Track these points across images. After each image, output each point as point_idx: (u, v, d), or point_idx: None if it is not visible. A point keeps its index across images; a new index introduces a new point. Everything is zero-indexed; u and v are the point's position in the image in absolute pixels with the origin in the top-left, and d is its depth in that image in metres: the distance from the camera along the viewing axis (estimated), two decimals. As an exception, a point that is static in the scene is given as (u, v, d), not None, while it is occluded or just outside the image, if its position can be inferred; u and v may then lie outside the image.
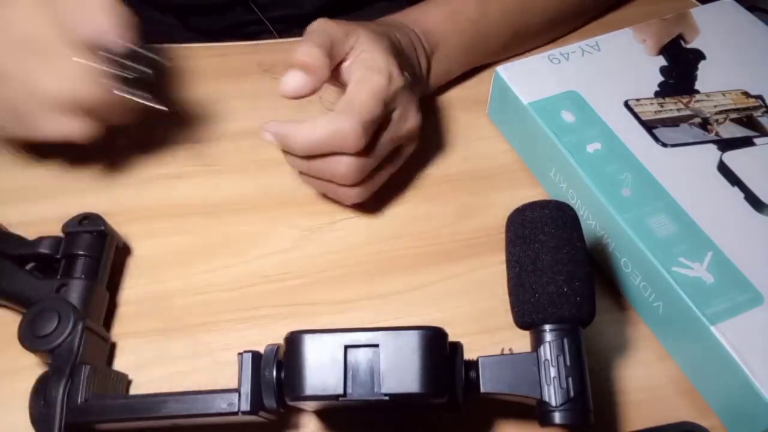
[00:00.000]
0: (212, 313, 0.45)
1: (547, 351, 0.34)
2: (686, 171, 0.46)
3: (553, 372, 0.34)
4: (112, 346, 0.44)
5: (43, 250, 0.43)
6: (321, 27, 0.45)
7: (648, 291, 0.43)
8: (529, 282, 0.36)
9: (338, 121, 0.42)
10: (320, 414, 0.42)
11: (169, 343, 0.44)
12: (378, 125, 0.44)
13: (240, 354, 0.36)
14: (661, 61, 0.54)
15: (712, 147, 0.48)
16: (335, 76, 0.46)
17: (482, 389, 0.35)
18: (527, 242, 0.37)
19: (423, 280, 0.47)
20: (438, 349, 0.33)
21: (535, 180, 0.53)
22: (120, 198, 0.50)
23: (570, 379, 0.34)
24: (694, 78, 0.53)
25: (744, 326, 0.39)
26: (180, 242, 0.49)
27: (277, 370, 0.35)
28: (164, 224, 0.49)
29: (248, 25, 0.67)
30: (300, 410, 0.41)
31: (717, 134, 0.49)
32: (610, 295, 0.47)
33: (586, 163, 0.47)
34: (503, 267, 0.47)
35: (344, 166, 0.43)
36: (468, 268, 0.48)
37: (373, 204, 0.50)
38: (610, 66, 0.53)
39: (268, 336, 0.38)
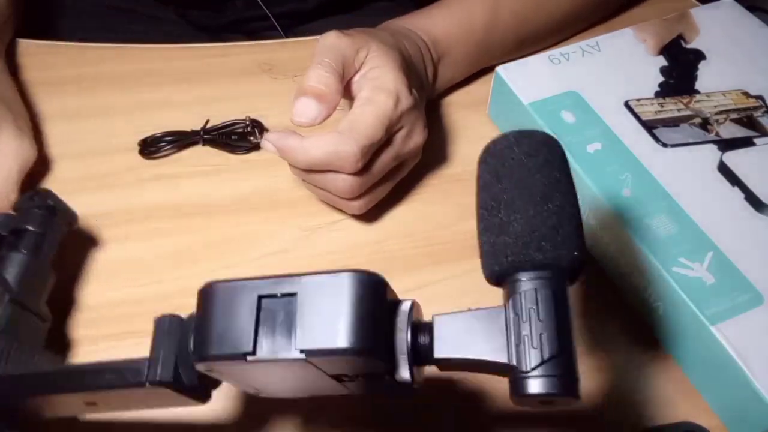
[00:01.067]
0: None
1: (517, 303, 0.27)
2: (686, 171, 0.46)
3: (524, 329, 0.26)
4: (117, 346, 0.44)
5: None
6: (332, 43, 0.44)
7: (648, 291, 0.43)
8: (500, 224, 0.29)
9: (338, 143, 0.42)
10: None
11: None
12: (380, 146, 0.44)
13: (156, 318, 0.31)
14: (662, 61, 0.54)
15: (713, 147, 0.48)
16: (344, 90, 0.45)
17: (436, 354, 0.28)
18: (494, 176, 0.30)
19: (423, 280, 0.47)
20: (372, 297, 0.27)
21: (535, 180, 0.53)
22: (120, 198, 0.50)
23: (544, 336, 0.26)
24: (694, 78, 0.53)
25: (744, 326, 0.39)
26: (180, 242, 0.49)
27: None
28: (164, 224, 0.49)
29: (250, 21, 0.67)
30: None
31: (717, 134, 0.49)
32: (610, 295, 0.47)
33: (587, 163, 0.47)
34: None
35: (341, 183, 0.44)
36: (468, 268, 0.48)
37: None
38: (611, 66, 0.53)
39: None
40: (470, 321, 0.28)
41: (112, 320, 0.45)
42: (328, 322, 0.26)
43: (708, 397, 0.42)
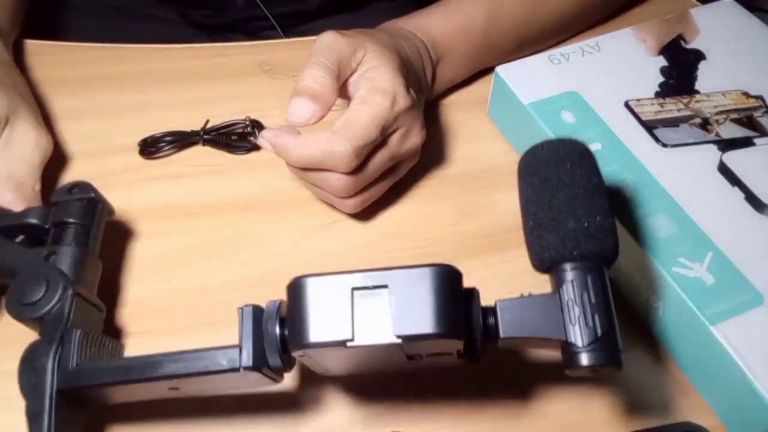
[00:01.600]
0: (212, 313, 0.45)
1: (570, 289, 0.32)
2: (686, 171, 0.46)
3: (577, 311, 0.32)
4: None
5: (31, 219, 0.41)
6: (329, 43, 0.44)
7: (648, 291, 0.43)
8: (547, 221, 0.34)
9: (332, 143, 0.42)
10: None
11: (169, 343, 0.44)
12: (374, 146, 0.44)
13: (240, 308, 0.34)
14: (662, 61, 0.54)
15: (713, 147, 0.48)
16: (340, 90, 0.45)
17: (502, 334, 0.32)
18: (542, 180, 0.35)
19: (423, 280, 0.47)
20: (452, 287, 0.31)
21: (535, 180, 0.53)
22: (120, 198, 0.50)
23: (596, 317, 0.31)
24: (694, 78, 0.53)
25: (744, 326, 0.39)
26: (180, 242, 0.49)
27: (281, 327, 0.33)
28: (164, 224, 0.49)
29: (251, 21, 0.67)
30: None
31: (717, 134, 0.49)
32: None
33: (587, 163, 0.47)
34: (504, 267, 0.48)
35: (335, 181, 0.44)
36: (468, 268, 0.47)
37: (373, 204, 0.50)
38: (611, 66, 0.53)
39: None
40: (527, 304, 0.33)
41: (113, 320, 0.45)
42: (421, 311, 0.30)
43: (708, 397, 0.42)
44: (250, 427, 0.41)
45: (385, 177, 0.47)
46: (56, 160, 0.52)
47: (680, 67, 0.53)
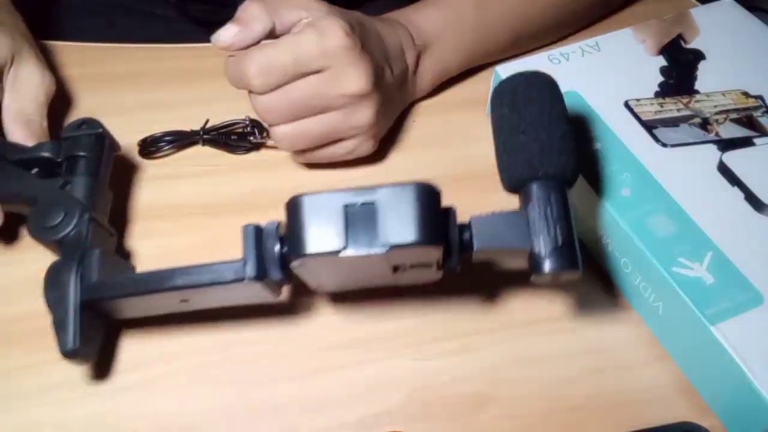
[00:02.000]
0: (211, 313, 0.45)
1: (535, 206, 0.36)
2: (686, 171, 0.46)
3: (541, 224, 0.35)
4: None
5: (45, 153, 0.44)
6: None
7: (648, 291, 0.43)
8: (514, 144, 0.38)
9: (240, 58, 0.44)
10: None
11: (169, 343, 0.44)
12: (291, 76, 0.44)
13: (243, 226, 0.37)
14: (661, 61, 0.54)
15: (712, 147, 0.48)
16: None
17: (476, 246, 0.36)
18: (510, 107, 0.39)
19: (423, 280, 0.47)
20: (432, 201, 0.34)
21: (535, 180, 0.53)
22: (119, 198, 0.50)
23: (557, 228, 0.35)
24: (694, 78, 0.53)
25: (744, 326, 0.39)
26: (180, 242, 0.49)
27: (280, 244, 0.36)
28: (164, 224, 0.49)
29: None
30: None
31: (717, 134, 0.49)
32: (610, 295, 0.47)
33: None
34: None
35: (254, 101, 0.46)
36: (468, 268, 0.48)
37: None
38: (610, 66, 0.53)
39: (268, 336, 0.38)
40: (498, 220, 0.37)
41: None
42: (405, 223, 0.33)
43: (707, 397, 0.42)
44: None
45: (323, 131, 0.47)
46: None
47: (680, 67, 0.53)
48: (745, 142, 0.48)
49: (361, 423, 0.41)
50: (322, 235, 0.33)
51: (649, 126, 0.49)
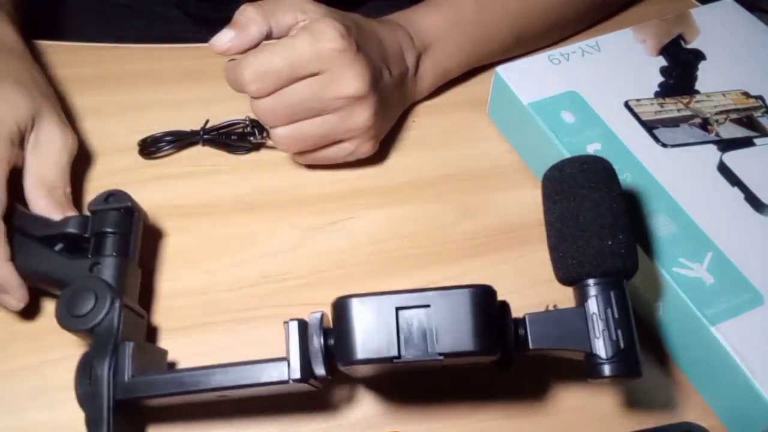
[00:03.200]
0: (211, 313, 0.45)
1: (594, 304, 0.35)
2: (686, 171, 0.46)
3: (601, 325, 0.34)
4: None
5: (71, 229, 0.42)
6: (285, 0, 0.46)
7: (648, 291, 0.43)
8: (572, 237, 0.36)
9: (236, 63, 0.44)
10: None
11: (169, 343, 0.44)
12: (285, 80, 0.44)
13: (286, 323, 0.36)
14: (661, 61, 0.54)
15: (713, 147, 0.48)
16: None
17: (531, 345, 0.35)
18: (567, 198, 0.37)
19: (423, 280, 0.47)
20: (488, 306, 0.34)
21: (536, 180, 0.52)
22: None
23: (619, 332, 0.34)
24: (694, 78, 0.53)
25: (744, 327, 0.39)
26: (179, 242, 0.49)
27: (325, 338, 0.35)
28: (164, 224, 0.49)
29: None
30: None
31: (717, 134, 0.49)
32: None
33: (587, 163, 0.47)
34: (504, 266, 0.48)
35: (253, 104, 0.46)
36: (468, 268, 0.48)
37: (373, 203, 0.51)
38: (611, 66, 0.53)
39: (268, 336, 0.37)
40: (554, 318, 0.35)
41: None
42: (461, 330, 0.33)
43: (708, 398, 0.42)
44: (254, 425, 0.41)
45: (321, 133, 0.47)
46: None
47: (680, 67, 0.53)
48: (745, 143, 0.48)
49: None
50: (373, 340, 0.33)
51: (649, 126, 0.49)
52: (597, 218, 0.36)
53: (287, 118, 0.46)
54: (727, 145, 0.48)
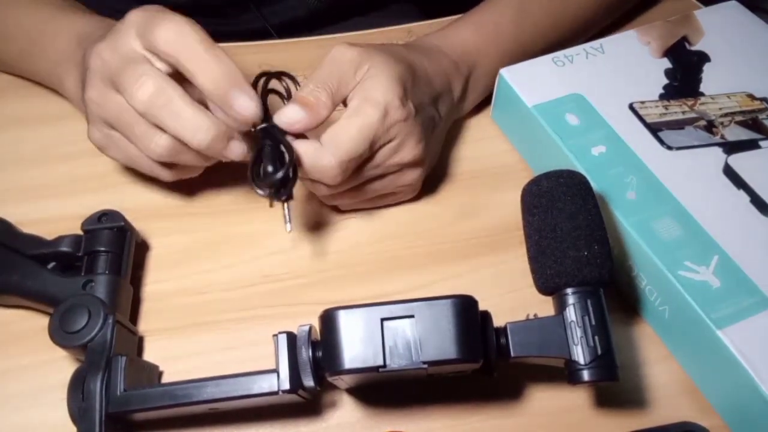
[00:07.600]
0: (211, 312, 0.45)
1: (572, 313, 0.36)
2: (691, 174, 0.46)
3: (579, 332, 0.35)
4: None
5: (64, 248, 0.43)
6: (334, 56, 0.44)
7: (654, 295, 0.43)
8: (550, 248, 0.37)
9: (318, 155, 0.42)
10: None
11: (169, 343, 0.44)
12: (363, 159, 0.44)
13: (275, 335, 0.36)
14: (666, 63, 0.53)
15: (718, 150, 0.47)
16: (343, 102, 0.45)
17: (512, 353, 0.36)
18: (545, 210, 0.38)
19: (423, 280, 0.47)
20: (470, 315, 0.35)
21: (539, 182, 0.52)
22: (119, 198, 0.50)
23: (597, 338, 0.35)
24: (698, 80, 0.52)
25: (750, 330, 0.39)
26: (179, 242, 0.48)
27: (313, 350, 0.36)
28: (164, 224, 0.49)
29: (258, 34, 0.66)
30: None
31: (722, 137, 0.48)
32: (615, 298, 0.46)
33: (591, 165, 0.46)
34: (504, 266, 0.47)
35: (323, 190, 0.45)
36: (468, 268, 0.48)
37: (374, 205, 0.50)
38: (615, 68, 0.53)
39: (268, 336, 0.37)
40: (534, 327, 0.37)
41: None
42: (445, 338, 0.34)
43: (711, 398, 0.41)
44: (252, 428, 0.41)
45: (374, 193, 0.47)
46: (56, 160, 0.52)
47: (685, 69, 0.53)
48: (750, 145, 0.48)
49: None
50: (360, 351, 0.34)
51: (654, 129, 0.49)
52: (573, 230, 0.37)
53: (348, 185, 0.46)
54: (732, 147, 0.48)
